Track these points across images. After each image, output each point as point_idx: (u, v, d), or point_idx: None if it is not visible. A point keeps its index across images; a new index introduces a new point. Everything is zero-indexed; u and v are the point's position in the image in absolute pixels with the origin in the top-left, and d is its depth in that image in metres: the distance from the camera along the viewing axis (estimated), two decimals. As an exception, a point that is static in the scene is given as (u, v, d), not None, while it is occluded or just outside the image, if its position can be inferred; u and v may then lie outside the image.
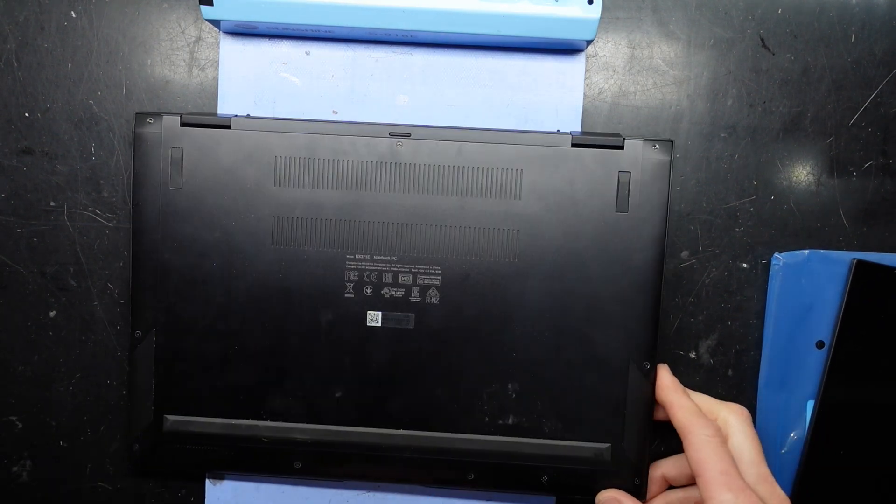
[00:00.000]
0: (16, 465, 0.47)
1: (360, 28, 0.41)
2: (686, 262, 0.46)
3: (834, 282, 0.45)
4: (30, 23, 0.45)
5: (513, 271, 0.42)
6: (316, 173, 0.42)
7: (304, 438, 0.43)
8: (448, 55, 0.45)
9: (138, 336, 0.43)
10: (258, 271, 0.42)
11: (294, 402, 0.43)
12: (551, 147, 0.42)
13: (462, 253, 0.42)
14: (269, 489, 0.46)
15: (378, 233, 0.42)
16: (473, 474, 0.43)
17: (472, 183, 0.42)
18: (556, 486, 0.43)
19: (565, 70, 0.45)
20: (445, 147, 0.42)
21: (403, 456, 0.43)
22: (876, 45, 0.45)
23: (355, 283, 0.42)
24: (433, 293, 0.42)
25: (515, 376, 0.43)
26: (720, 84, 0.45)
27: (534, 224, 0.42)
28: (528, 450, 0.43)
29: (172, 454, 0.43)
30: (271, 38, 0.45)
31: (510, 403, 0.43)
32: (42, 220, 0.45)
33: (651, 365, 0.42)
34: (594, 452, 0.43)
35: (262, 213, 0.42)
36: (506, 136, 0.42)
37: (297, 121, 0.42)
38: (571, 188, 0.42)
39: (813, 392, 0.45)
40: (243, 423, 0.43)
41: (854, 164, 0.45)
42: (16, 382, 0.46)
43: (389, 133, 0.42)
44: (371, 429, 0.43)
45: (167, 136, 0.42)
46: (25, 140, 0.45)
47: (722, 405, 0.42)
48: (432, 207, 0.42)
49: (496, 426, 0.43)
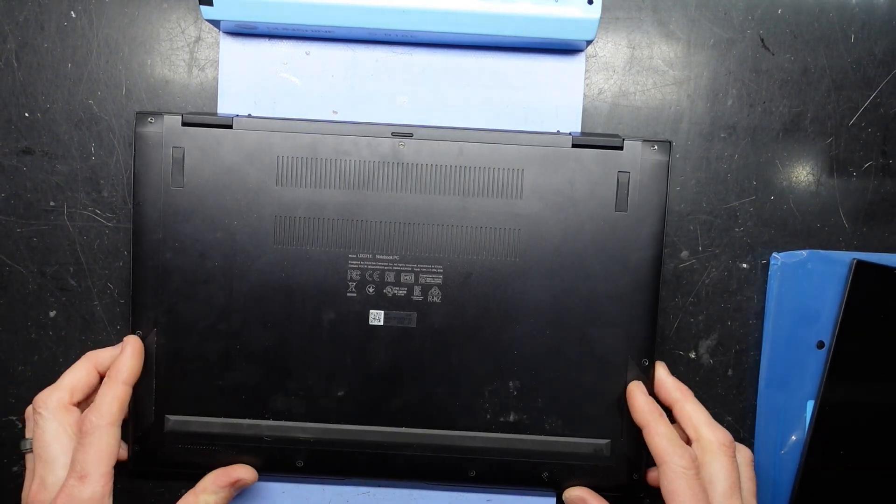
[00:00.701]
0: (16, 465, 0.47)
1: (359, 28, 0.41)
2: (686, 262, 0.46)
3: (833, 282, 0.45)
4: (30, 23, 0.45)
5: (514, 270, 0.42)
6: (318, 173, 0.42)
7: (307, 437, 0.43)
8: (448, 55, 0.45)
9: (139, 336, 0.43)
10: (260, 271, 0.42)
11: (296, 401, 0.43)
12: (552, 147, 0.42)
13: (463, 252, 0.42)
14: (270, 488, 0.46)
15: (380, 232, 0.42)
16: (475, 471, 0.43)
17: (473, 183, 0.42)
18: (557, 482, 0.43)
19: (565, 70, 0.45)
20: (447, 147, 0.42)
21: (405, 454, 0.43)
22: (876, 46, 0.45)
23: (357, 282, 0.42)
24: (435, 292, 0.42)
25: (516, 374, 0.43)
26: (720, 84, 0.45)
27: (534, 223, 0.42)
28: (529, 446, 0.43)
29: (174, 454, 0.43)
30: (271, 39, 0.45)
31: (511, 401, 0.43)
32: (42, 220, 0.46)
33: (650, 362, 0.42)
34: (594, 448, 0.43)
35: (263, 213, 0.42)
36: (507, 136, 0.42)
37: (298, 121, 0.42)
38: (571, 188, 0.42)
39: (813, 392, 0.45)
40: (245, 423, 0.43)
41: (854, 165, 0.45)
42: (16, 382, 0.46)
43: (392, 133, 0.42)
44: (373, 427, 0.43)
45: (168, 135, 0.42)
46: (25, 140, 0.45)
47: (707, 428, 0.40)
48: (434, 207, 0.42)
49: (497, 423, 0.43)
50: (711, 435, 0.40)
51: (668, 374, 0.42)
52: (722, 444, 0.40)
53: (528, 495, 0.46)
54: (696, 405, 0.41)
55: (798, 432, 0.45)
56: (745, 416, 0.46)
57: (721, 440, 0.40)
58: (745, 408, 0.46)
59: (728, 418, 0.46)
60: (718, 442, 0.40)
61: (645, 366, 0.42)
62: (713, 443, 0.40)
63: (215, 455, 0.43)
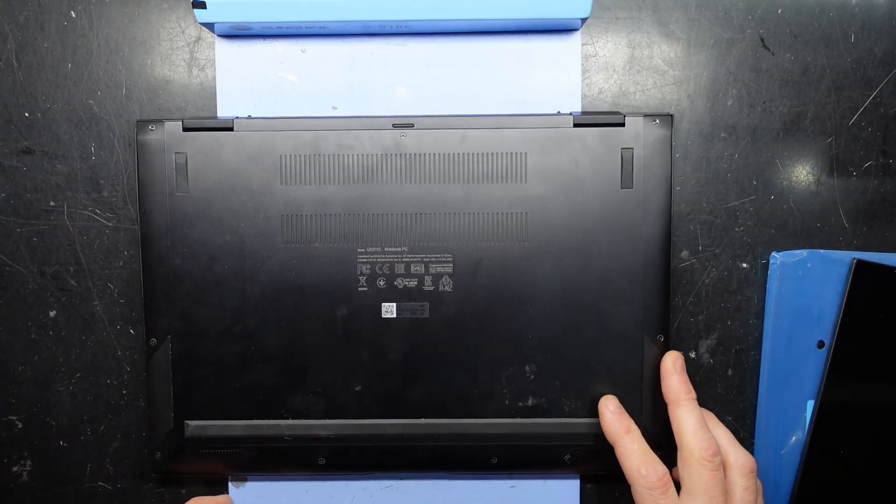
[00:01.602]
0: (16, 465, 0.47)
1: (353, 21, 0.41)
2: (686, 262, 0.46)
3: (833, 282, 0.45)
4: (30, 23, 0.45)
5: (523, 254, 0.42)
6: (322, 170, 0.42)
7: (327, 434, 0.43)
8: (444, 43, 0.45)
9: (153, 344, 0.43)
10: (270, 271, 0.42)
11: (314, 399, 0.43)
12: (554, 129, 0.42)
13: (472, 239, 0.42)
14: (293, 486, 0.46)
15: (387, 224, 0.42)
16: (497, 458, 0.43)
17: (477, 169, 0.42)
18: (579, 464, 0.43)
19: (562, 50, 0.45)
20: (449, 135, 0.42)
21: (426, 445, 0.43)
22: (876, 46, 0.45)
23: (368, 276, 0.43)
24: (446, 281, 0.43)
25: (532, 357, 0.43)
26: (720, 84, 0.45)
27: (541, 206, 0.42)
28: (550, 430, 0.43)
29: (195, 459, 0.43)
30: (266, 39, 0.45)
31: (529, 385, 0.43)
32: (42, 220, 0.46)
33: (665, 337, 0.42)
34: None
35: (270, 213, 0.42)
36: (508, 120, 0.42)
37: (299, 118, 0.42)
38: (576, 168, 0.42)
39: (813, 392, 0.45)
40: (265, 424, 0.43)
41: (854, 164, 0.45)
42: (16, 382, 0.46)
43: (393, 125, 0.42)
44: (393, 420, 0.43)
45: (170, 141, 0.42)
46: (25, 140, 0.45)
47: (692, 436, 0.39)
48: (440, 196, 0.42)
49: (516, 408, 0.43)
50: (694, 446, 0.38)
51: (671, 371, 0.41)
52: (702, 457, 0.38)
53: (552, 478, 0.46)
54: (687, 411, 0.40)
55: (798, 432, 0.45)
56: (745, 416, 0.46)
57: (702, 453, 0.38)
58: (745, 408, 0.46)
59: (728, 418, 0.46)
60: (699, 454, 0.38)
61: (660, 342, 0.42)
62: (693, 454, 0.38)
63: (237, 458, 0.43)
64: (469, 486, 0.46)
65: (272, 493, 0.46)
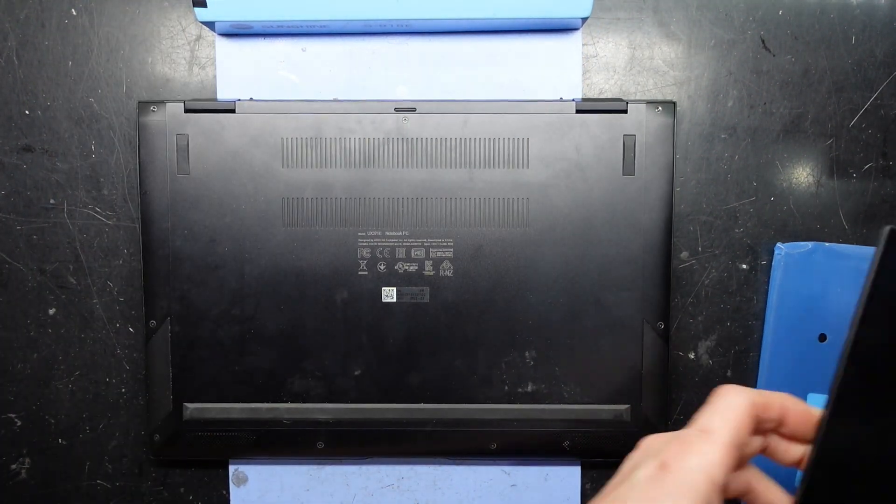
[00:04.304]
0: (14, 462, 0.47)
1: (354, 20, 0.41)
2: (686, 263, 0.46)
3: (837, 275, 0.44)
4: (30, 20, 0.45)
5: (524, 239, 0.42)
6: (323, 153, 0.42)
7: (326, 418, 0.43)
8: (445, 42, 0.45)
9: (153, 326, 0.43)
10: (271, 254, 0.42)
11: (313, 383, 0.43)
12: (556, 115, 0.42)
13: (473, 224, 0.42)
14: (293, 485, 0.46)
15: (388, 208, 0.42)
16: (496, 444, 0.43)
17: (479, 154, 0.42)
18: (579, 450, 0.43)
19: (562, 49, 0.45)
20: (451, 120, 0.42)
21: (425, 430, 0.43)
22: (876, 47, 0.45)
23: (368, 259, 0.42)
24: (447, 266, 0.43)
25: (532, 343, 0.43)
26: (721, 85, 0.45)
27: (542, 191, 0.42)
28: (549, 416, 0.43)
29: (194, 442, 0.43)
30: (266, 37, 0.45)
31: (528, 371, 0.43)
32: (42, 218, 0.45)
33: (665, 325, 0.42)
34: (614, 414, 0.43)
35: (271, 196, 0.42)
36: (510, 105, 0.42)
37: (301, 101, 0.42)
38: (578, 154, 0.42)
39: (814, 385, 0.45)
40: (264, 407, 0.43)
41: (854, 166, 0.45)
42: (15, 380, 0.46)
43: (395, 109, 0.42)
44: (392, 404, 0.43)
45: (171, 123, 0.42)
46: (26, 137, 0.45)
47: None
48: (441, 180, 0.42)
49: (516, 394, 0.43)
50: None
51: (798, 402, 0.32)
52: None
53: (553, 465, 0.46)
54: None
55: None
56: (744, 416, 0.46)
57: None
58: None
59: (727, 419, 0.46)
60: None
61: (661, 329, 0.42)
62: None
63: (235, 441, 0.43)
64: (469, 483, 0.46)
65: (272, 493, 0.46)
